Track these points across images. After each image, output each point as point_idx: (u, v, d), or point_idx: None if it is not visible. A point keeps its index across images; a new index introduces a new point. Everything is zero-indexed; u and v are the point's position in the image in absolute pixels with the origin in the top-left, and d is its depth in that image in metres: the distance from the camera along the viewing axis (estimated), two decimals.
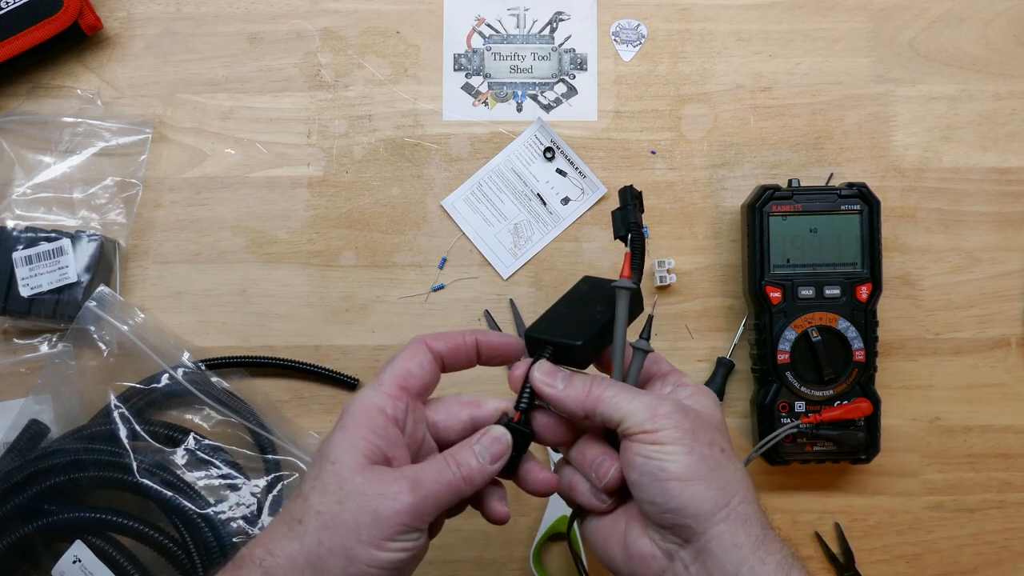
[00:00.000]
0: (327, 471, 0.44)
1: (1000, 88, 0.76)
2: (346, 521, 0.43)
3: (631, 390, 0.47)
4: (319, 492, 0.44)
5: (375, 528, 0.43)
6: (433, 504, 0.45)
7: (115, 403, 0.69)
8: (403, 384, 0.47)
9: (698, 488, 0.44)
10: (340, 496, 0.43)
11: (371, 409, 0.46)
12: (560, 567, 0.73)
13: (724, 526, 0.44)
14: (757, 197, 0.70)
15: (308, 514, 0.44)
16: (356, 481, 0.44)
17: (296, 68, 0.76)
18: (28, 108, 0.75)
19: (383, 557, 0.43)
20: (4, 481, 0.66)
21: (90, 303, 0.71)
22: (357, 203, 0.75)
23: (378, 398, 0.46)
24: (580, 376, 0.48)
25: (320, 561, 0.43)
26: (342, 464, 0.44)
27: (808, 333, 0.68)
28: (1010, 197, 0.75)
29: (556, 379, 0.48)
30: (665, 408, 0.46)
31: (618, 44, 0.77)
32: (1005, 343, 0.75)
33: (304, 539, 0.43)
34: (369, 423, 0.45)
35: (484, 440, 0.48)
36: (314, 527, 0.43)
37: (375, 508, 0.43)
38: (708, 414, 0.48)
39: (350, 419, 0.46)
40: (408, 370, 0.48)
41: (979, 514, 0.74)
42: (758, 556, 0.44)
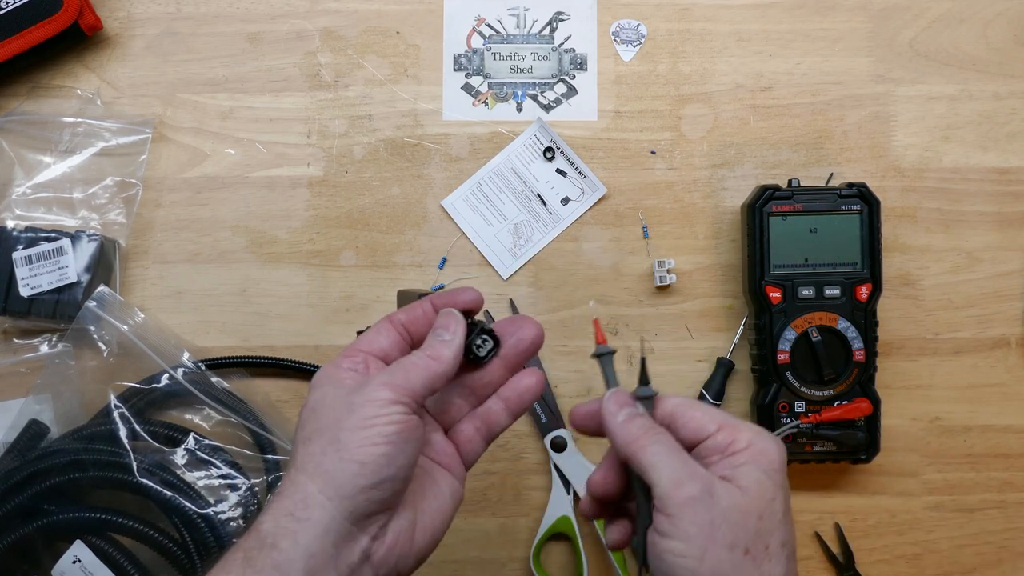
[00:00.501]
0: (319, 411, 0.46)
1: (1000, 88, 0.76)
2: (328, 424, 0.44)
3: (676, 454, 0.44)
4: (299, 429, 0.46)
5: (354, 413, 0.44)
6: (403, 378, 0.45)
7: (115, 403, 0.69)
8: (362, 349, 0.49)
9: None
10: (315, 416, 0.45)
11: (336, 368, 0.47)
12: (560, 567, 0.73)
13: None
14: (757, 197, 0.70)
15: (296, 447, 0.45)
16: (325, 400, 0.45)
17: (296, 68, 0.76)
18: (28, 108, 0.75)
19: (371, 432, 0.43)
20: (4, 481, 0.66)
21: (90, 303, 0.71)
22: (357, 203, 0.75)
23: (341, 360, 0.48)
24: (643, 419, 0.46)
25: (319, 467, 0.43)
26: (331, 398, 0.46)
27: (808, 333, 0.68)
28: (1010, 197, 0.75)
29: (621, 411, 0.46)
30: (691, 488, 0.42)
31: (618, 44, 0.77)
32: (1005, 343, 0.75)
33: (299, 463, 0.44)
34: (338, 376, 0.47)
35: (439, 321, 0.49)
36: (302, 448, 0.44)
37: (348, 401, 0.44)
38: (750, 495, 0.42)
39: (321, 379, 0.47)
40: (367, 340, 0.49)
41: (979, 514, 0.74)
42: None
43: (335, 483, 0.43)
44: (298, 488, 0.43)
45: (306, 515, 0.42)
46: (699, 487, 0.42)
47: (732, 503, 0.42)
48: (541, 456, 0.73)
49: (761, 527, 0.42)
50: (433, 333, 0.48)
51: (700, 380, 0.74)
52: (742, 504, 0.42)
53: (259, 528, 0.43)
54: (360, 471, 0.43)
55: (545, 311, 0.74)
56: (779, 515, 0.43)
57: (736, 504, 0.42)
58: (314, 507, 0.43)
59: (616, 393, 0.47)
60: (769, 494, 0.43)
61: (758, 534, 0.42)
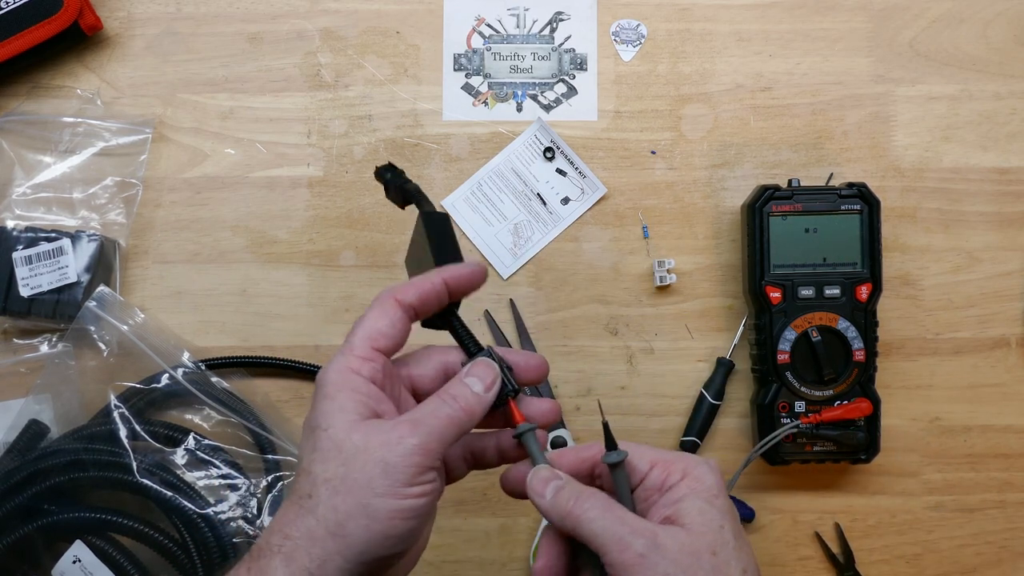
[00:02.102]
0: (322, 439, 0.43)
1: (1000, 88, 0.76)
2: (356, 480, 0.41)
3: (612, 513, 0.43)
4: (320, 461, 0.42)
5: (388, 478, 0.41)
6: (438, 440, 0.43)
7: (115, 403, 0.69)
8: (374, 345, 0.45)
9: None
10: (343, 458, 0.42)
11: (347, 372, 0.44)
12: None
13: None
14: (757, 197, 0.70)
15: (316, 486, 0.42)
16: (355, 439, 0.42)
17: (296, 68, 0.76)
18: (28, 108, 0.75)
19: (404, 505, 0.42)
20: (4, 481, 0.66)
21: (90, 303, 0.71)
22: (357, 203, 0.75)
23: (352, 362, 0.44)
24: (571, 487, 0.44)
25: (340, 528, 0.41)
26: (335, 428, 0.43)
27: (808, 333, 0.68)
28: (1010, 197, 0.75)
29: (547, 488, 0.45)
30: (638, 547, 0.41)
31: (618, 44, 0.77)
32: (1005, 343, 0.75)
33: (317, 512, 0.41)
34: (350, 385, 0.44)
35: (474, 370, 0.46)
36: (326, 496, 0.41)
37: (382, 458, 0.41)
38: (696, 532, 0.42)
39: (329, 386, 0.44)
40: (378, 330, 0.45)
41: (979, 514, 0.74)
42: None
43: (356, 549, 0.41)
44: (315, 544, 0.41)
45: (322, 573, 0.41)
46: (643, 542, 0.41)
47: (680, 547, 0.41)
48: None
49: (717, 561, 0.42)
50: (465, 382, 0.46)
51: (700, 380, 0.74)
52: (691, 545, 0.42)
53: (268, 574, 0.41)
54: (384, 543, 0.42)
55: (545, 311, 0.74)
56: (731, 543, 0.42)
57: (684, 547, 0.41)
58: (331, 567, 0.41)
59: (537, 472, 0.46)
60: (716, 523, 0.43)
61: (715, 569, 0.41)
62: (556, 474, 0.45)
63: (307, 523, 0.42)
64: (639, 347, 0.74)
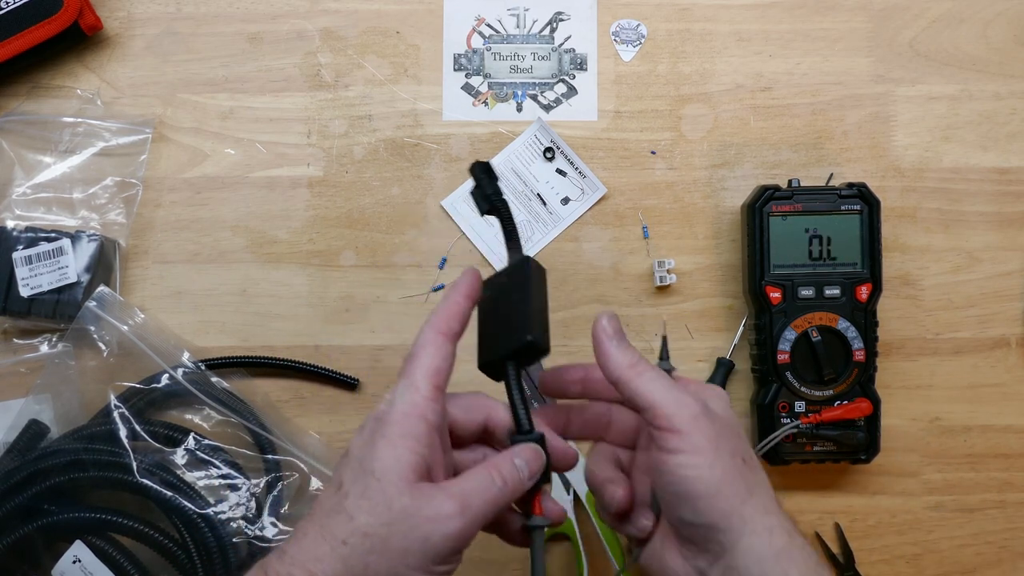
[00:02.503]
0: (373, 489, 0.42)
1: (1000, 88, 0.76)
2: (395, 546, 0.42)
3: (669, 381, 0.47)
4: (366, 513, 0.42)
5: (424, 555, 0.42)
6: (480, 523, 0.44)
7: (115, 403, 0.69)
8: (437, 384, 0.45)
9: (725, 504, 0.44)
10: (388, 518, 0.42)
11: (414, 417, 0.44)
12: (560, 567, 0.73)
13: (749, 540, 0.44)
14: (757, 197, 0.70)
15: (354, 535, 0.42)
16: (404, 502, 0.42)
17: (296, 68, 0.76)
18: (28, 108, 0.75)
19: None
20: (4, 481, 0.66)
21: (90, 303, 0.71)
22: (357, 203, 0.75)
23: (421, 404, 0.44)
24: (634, 349, 0.48)
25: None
26: (388, 482, 0.42)
27: (808, 333, 0.68)
28: (1010, 197, 0.75)
29: (616, 336, 0.48)
30: (693, 409, 0.45)
31: (618, 44, 0.77)
32: (1005, 343, 0.75)
33: (349, 561, 0.41)
34: (414, 433, 0.43)
35: (525, 454, 0.46)
36: (361, 550, 0.41)
37: (425, 534, 0.42)
38: (724, 418, 0.47)
39: (394, 427, 0.43)
40: (436, 367, 0.45)
41: (979, 514, 0.74)
42: (780, 567, 0.44)
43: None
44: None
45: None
46: (700, 406, 0.46)
47: (722, 421, 0.46)
48: None
49: (742, 444, 0.47)
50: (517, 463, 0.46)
51: (700, 380, 0.74)
52: (726, 422, 0.47)
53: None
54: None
55: None
56: (743, 434, 0.48)
57: (724, 422, 0.47)
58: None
59: (612, 319, 0.48)
60: (735, 420, 0.48)
61: (744, 448, 0.47)
62: (621, 329, 0.48)
63: (335, 567, 0.41)
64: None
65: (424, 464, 0.43)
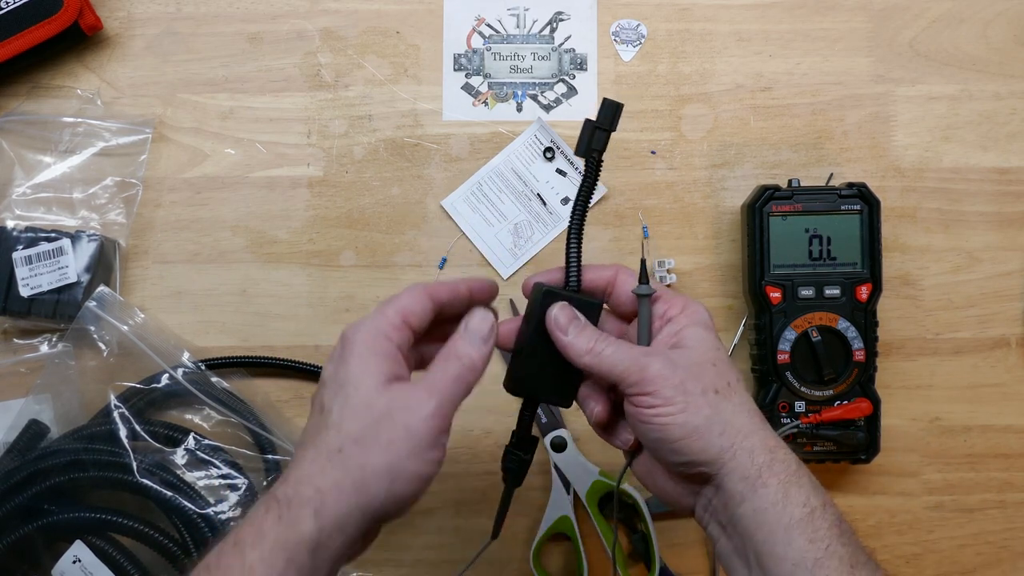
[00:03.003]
0: (352, 398, 0.46)
1: (1000, 88, 0.76)
2: (383, 440, 0.45)
3: (626, 347, 0.50)
4: (350, 420, 0.45)
5: (410, 442, 0.45)
6: (450, 402, 0.47)
7: (115, 403, 0.69)
8: (404, 318, 0.48)
9: (701, 442, 0.47)
10: (371, 418, 0.45)
11: (379, 336, 0.47)
12: (560, 567, 0.73)
13: (731, 465, 0.47)
14: (757, 197, 0.70)
15: (346, 442, 0.45)
16: (381, 402, 0.45)
17: (296, 68, 0.76)
18: (28, 108, 0.75)
19: (423, 469, 0.45)
20: (4, 481, 0.66)
21: (90, 303, 0.71)
22: (357, 203, 0.75)
23: (384, 327, 0.48)
24: (589, 330, 0.51)
25: (364, 485, 0.44)
26: (364, 388, 0.46)
27: (808, 333, 0.68)
28: (1010, 197, 0.75)
29: (570, 325, 0.50)
30: (655, 366, 0.48)
31: (618, 44, 0.77)
32: (1005, 343, 0.75)
33: (347, 466, 0.44)
34: (380, 350, 0.47)
35: (469, 324, 0.50)
36: (355, 453, 0.45)
37: (406, 423, 0.45)
38: (699, 349, 0.50)
39: (359, 345, 0.47)
40: (411, 309, 0.49)
41: (979, 514, 0.74)
42: (761, 481, 0.47)
43: (377, 504, 0.45)
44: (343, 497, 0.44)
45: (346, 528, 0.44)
46: (660, 361, 0.49)
47: (689, 361, 0.49)
48: (541, 456, 0.73)
49: (717, 371, 0.49)
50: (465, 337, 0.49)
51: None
52: (697, 358, 0.49)
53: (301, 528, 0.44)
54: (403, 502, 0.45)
55: None
56: (726, 359, 0.51)
57: (692, 361, 0.49)
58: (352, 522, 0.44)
59: (562, 309, 0.51)
60: (712, 344, 0.51)
61: (718, 376, 0.49)
62: (576, 314, 0.51)
63: (335, 476, 0.44)
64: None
65: (392, 374, 0.47)
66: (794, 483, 0.47)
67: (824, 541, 0.45)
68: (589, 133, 0.52)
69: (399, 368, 0.47)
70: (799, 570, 0.44)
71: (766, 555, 0.46)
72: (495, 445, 0.73)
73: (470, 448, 0.74)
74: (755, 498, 0.47)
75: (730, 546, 0.49)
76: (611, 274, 0.54)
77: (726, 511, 0.48)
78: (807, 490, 0.47)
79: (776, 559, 0.45)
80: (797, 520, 0.46)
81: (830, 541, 0.45)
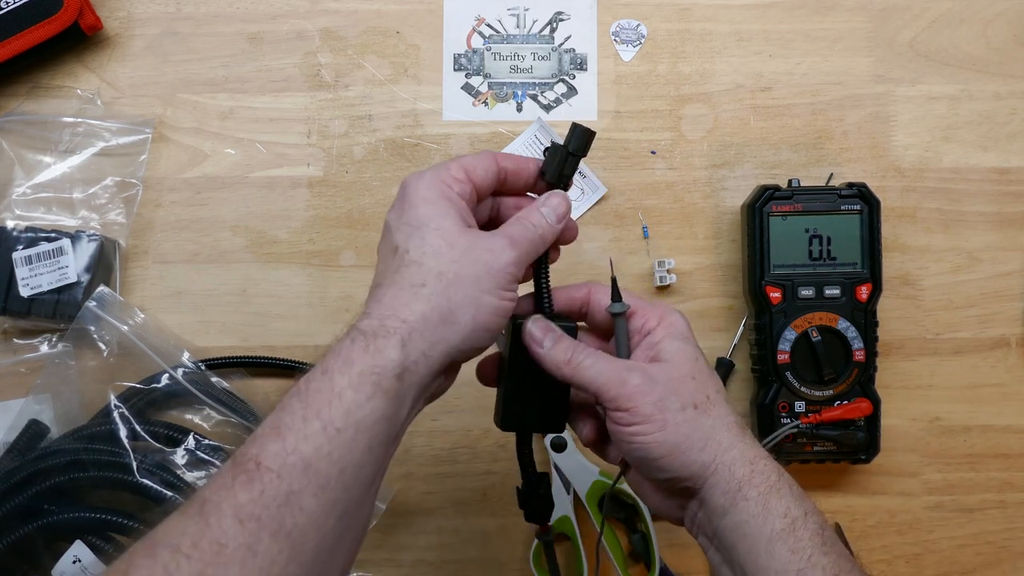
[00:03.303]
0: (432, 236, 0.47)
1: (1000, 88, 0.76)
2: (467, 275, 0.46)
3: (605, 360, 0.49)
4: (432, 256, 0.47)
5: (491, 279, 0.47)
6: (526, 256, 0.49)
7: (115, 403, 0.69)
8: (468, 173, 0.50)
9: (682, 458, 0.48)
10: (454, 256, 0.46)
11: (441, 185, 0.48)
12: (560, 567, 0.73)
13: (713, 480, 0.48)
14: (757, 197, 0.70)
15: (429, 276, 0.46)
16: (463, 242, 0.47)
17: (296, 68, 0.76)
18: (28, 108, 0.75)
19: (502, 304, 0.47)
20: (4, 481, 0.66)
21: (90, 303, 0.71)
22: (357, 203, 0.75)
23: (447, 178, 0.49)
24: (567, 341, 0.50)
25: (451, 315, 0.46)
26: (444, 229, 0.47)
27: (808, 333, 0.68)
28: (1010, 197, 0.75)
29: (546, 338, 0.50)
30: (635, 380, 0.48)
31: (618, 44, 0.77)
32: (1005, 343, 0.75)
33: (432, 300, 0.46)
34: (446, 196, 0.48)
35: (548, 200, 0.51)
36: (440, 286, 0.46)
37: (487, 263, 0.47)
38: (676, 362, 0.50)
39: (425, 191, 0.48)
40: (473, 165, 0.50)
41: (979, 514, 0.74)
42: (742, 494, 0.47)
43: (462, 336, 0.46)
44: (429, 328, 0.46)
45: (431, 355, 0.46)
46: (638, 375, 0.48)
47: (668, 376, 0.49)
48: (541, 457, 0.73)
49: (696, 385, 0.49)
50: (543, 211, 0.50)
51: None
52: (675, 373, 0.49)
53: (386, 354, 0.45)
54: (484, 336, 0.47)
55: None
56: (705, 371, 0.51)
57: (671, 375, 0.49)
58: (437, 351, 0.46)
59: (536, 321, 0.51)
60: (692, 356, 0.51)
61: (697, 391, 0.49)
62: (552, 327, 0.51)
63: (421, 308, 0.46)
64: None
65: (464, 220, 0.48)
66: (774, 494, 0.47)
67: (806, 551, 0.45)
68: (562, 159, 0.52)
69: (468, 216, 0.49)
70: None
71: (750, 566, 0.46)
72: (495, 445, 0.73)
73: (470, 448, 0.74)
74: (735, 511, 0.47)
75: (719, 557, 0.49)
76: (584, 293, 0.54)
77: (710, 524, 0.49)
78: (787, 500, 0.47)
79: (759, 570, 0.46)
80: (778, 531, 0.46)
81: (812, 551, 0.45)
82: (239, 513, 0.40)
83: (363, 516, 0.45)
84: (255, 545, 0.39)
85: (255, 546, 0.39)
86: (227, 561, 0.39)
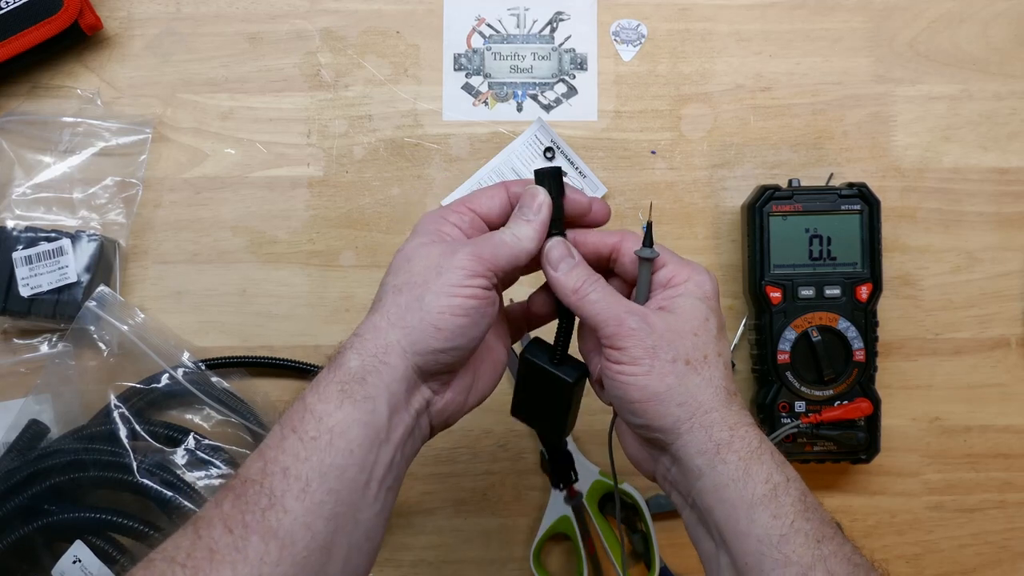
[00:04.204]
0: (396, 258, 0.49)
1: (1000, 88, 0.76)
2: (415, 281, 0.48)
3: (612, 297, 0.50)
4: (391, 274, 0.49)
5: (440, 277, 0.47)
6: (490, 254, 0.48)
7: (115, 403, 0.69)
8: (470, 204, 0.51)
9: (660, 408, 0.48)
10: (409, 268, 0.48)
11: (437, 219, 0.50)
12: (560, 567, 0.73)
13: (689, 437, 0.48)
14: (757, 197, 0.70)
15: (384, 293, 0.49)
16: (421, 252, 0.49)
17: (296, 68, 0.76)
18: (28, 108, 0.75)
19: (454, 302, 0.47)
20: (4, 481, 0.66)
21: (90, 303, 0.71)
22: (357, 203, 0.75)
23: (446, 211, 0.51)
24: (582, 269, 0.51)
25: (400, 320, 0.47)
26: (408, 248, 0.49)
27: (808, 333, 0.68)
28: (1010, 197, 0.75)
29: (563, 261, 0.51)
30: (632, 323, 0.48)
31: (618, 44, 0.77)
32: (1005, 343, 0.75)
33: (383, 310, 0.48)
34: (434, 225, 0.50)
35: (523, 203, 0.51)
36: (390, 298, 0.48)
37: (438, 264, 0.48)
38: (684, 316, 0.49)
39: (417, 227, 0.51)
40: (479, 195, 0.52)
41: (979, 514, 0.74)
42: (720, 457, 0.47)
43: (412, 338, 0.47)
44: (380, 334, 0.47)
45: (387, 360, 0.47)
46: (637, 320, 0.49)
47: (667, 326, 0.49)
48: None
49: (697, 342, 0.49)
50: (519, 210, 0.51)
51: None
52: (675, 325, 0.49)
53: (347, 364, 0.46)
54: (436, 335, 0.47)
55: None
56: (714, 332, 0.50)
57: (670, 327, 0.49)
58: (393, 354, 0.47)
59: (555, 246, 0.51)
60: (702, 315, 0.50)
61: (695, 347, 0.49)
62: (572, 252, 0.51)
63: (374, 320, 0.48)
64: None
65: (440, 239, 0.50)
66: (755, 460, 0.46)
67: (788, 517, 0.45)
68: None
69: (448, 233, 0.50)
70: (764, 546, 0.44)
71: (730, 531, 0.46)
72: (495, 445, 0.73)
73: (470, 448, 0.74)
74: (714, 474, 0.47)
75: (694, 517, 0.49)
76: (617, 239, 0.53)
77: (685, 483, 0.49)
78: (769, 466, 0.46)
79: (740, 535, 0.45)
80: (760, 496, 0.45)
81: (794, 517, 0.45)
82: (228, 522, 0.42)
83: (363, 519, 0.45)
84: (244, 547, 0.41)
85: (244, 548, 0.41)
86: (219, 564, 0.40)
